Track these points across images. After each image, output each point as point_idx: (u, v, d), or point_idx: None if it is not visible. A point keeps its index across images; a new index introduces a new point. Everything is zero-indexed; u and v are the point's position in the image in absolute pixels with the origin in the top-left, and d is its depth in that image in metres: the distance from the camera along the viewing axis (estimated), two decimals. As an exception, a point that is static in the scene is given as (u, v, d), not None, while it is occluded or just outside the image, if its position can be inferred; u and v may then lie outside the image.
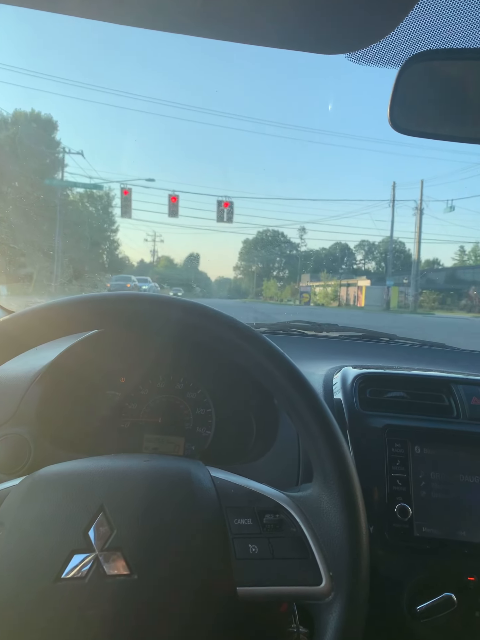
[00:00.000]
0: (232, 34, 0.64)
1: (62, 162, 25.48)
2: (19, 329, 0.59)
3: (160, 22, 0.61)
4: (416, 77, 0.68)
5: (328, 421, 0.59)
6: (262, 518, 0.56)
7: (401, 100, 0.68)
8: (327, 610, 0.53)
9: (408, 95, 0.68)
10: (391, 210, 33.11)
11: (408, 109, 0.70)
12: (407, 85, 0.67)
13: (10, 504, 0.54)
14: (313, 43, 0.66)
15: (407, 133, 0.71)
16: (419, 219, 31.00)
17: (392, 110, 0.68)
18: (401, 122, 0.70)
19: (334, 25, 0.64)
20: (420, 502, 0.80)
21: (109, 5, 0.59)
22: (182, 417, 1.07)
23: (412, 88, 0.68)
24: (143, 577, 0.49)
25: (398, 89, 0.67)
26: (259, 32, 0.64)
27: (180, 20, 0.61)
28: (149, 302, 0.62)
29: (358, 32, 0.65)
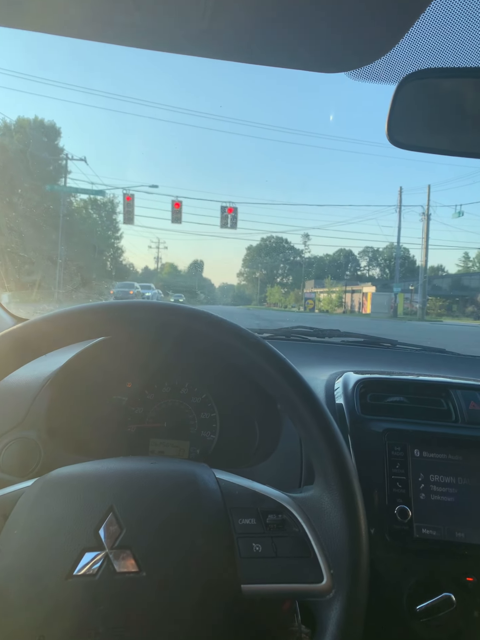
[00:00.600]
0: (234, 55, 0.67)
1: (66, 169, 25.64)
2: (32, 335, 0.62)
3: (163, 44, 0.64)
4: (413, 94, 0.70)
5: (329, 425, 0.61)
6: (266, 518, 0.58)
7: (398, 117, 0.71)
8: (327, 607, 0.55)
9: (405, 111, 0.71)
10: (398, 215, 33.07)
11: (405, 124, 0.73)
12: (404, 102, 0.70)
13: (24, 505, 0.57)
14: (313, 62, 0.69)
15: (405, 147, 0.74)
16: (427, 225, 30.85)
17: (390, 126, 0.71)
18: (399, 137, 0.73)
19: (334, 45, 0.67)
20: (420, 504, 0.82)
21: (111, 29, 0.62)
22: (187, 422, 1.09)
23: (409, 105, 0.71)
24: (151, 574, 0.51)
25: (395, 106, 0.70)
26: (261, 53, 0.67)
27: (182, 42, 0.64)
28: (156, 310, 0.64)
29: (357, 52, 0.68)
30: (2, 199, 10.07)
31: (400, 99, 0.69)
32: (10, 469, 0.86)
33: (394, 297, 35.52)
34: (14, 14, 0.58)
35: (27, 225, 4.85)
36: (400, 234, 34.15)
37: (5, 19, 0.59)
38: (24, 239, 3.90)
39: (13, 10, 0.56)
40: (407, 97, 0.70)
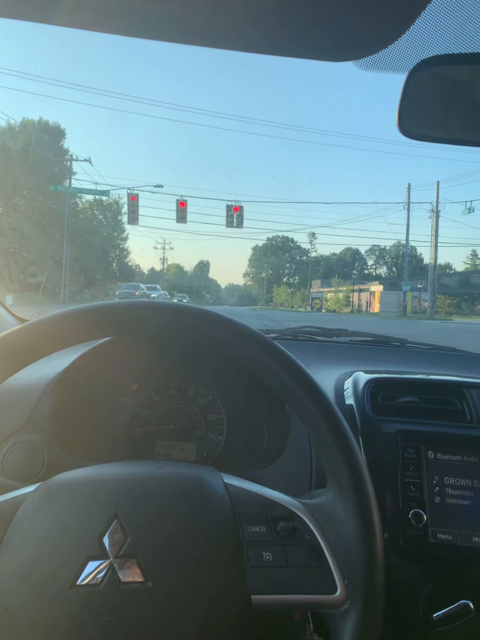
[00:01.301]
0: (239, 44, 0.65)
1: (70, 170, 25.78)
2: (35, 336, 0.60)
3: (166, 34, 0.61)
4: (424, 82, 0.68)
5: (341, 428, 0.59)
6: (276, 525, 0.56)
7: (409, 106, 0.69)
8: (342, 620, 0.53)
9: (416, 100, 0.69)
10: (406, 213, 32.91)
11: (417, 114, 0.70)
12: (415, 90, 0.68)
13: (26, 511, 0.55)
14: (321, 51, 0.66)
15: (416, 138, 0.71)
16: (436, 222, 30.66)
17: (401, 116, 0.69)
18: (410, 127, 0.70)
19: (342, 33, 0.64)
20: (435, 508, 0.79)
21: (113, 18, 0.60)
22: (193, 423, 1.08)
23: (421, 93, 0.68)
24: (157, 584, 0.49)
25: (406, 95, 0.67)
26: (267, 41, 0.64)
27: (186, 31, 0.62)
28: (161, 311, 0.62)
29: (365, 40, 0.65)
30: (6, 201, 10.14)
31: (412, 88, 0.67)
32: (13, 473, 0.84)
33: (402, 296, 35.33)
34: (11, 2, 0.56)
35: (32, 227, 4.86)
36: (408, 232, 33.98)
37: (2, 8, 0.57)
38: (28, 240, 3.90)
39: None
40: (419, 86, 0.67)
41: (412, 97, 0.68)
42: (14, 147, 22.14)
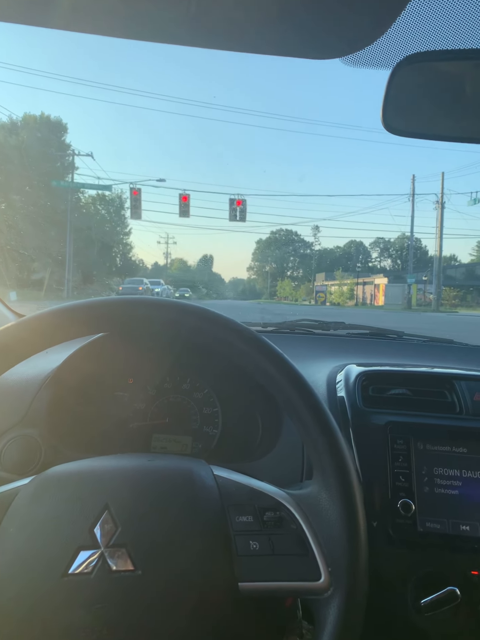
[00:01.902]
0: (223, 43, 0.66)
1: (73, 165, 25.68)
2: (30, 332, 0.61)
3: (150, 34, 0.62)
4: (409, 79, 0.68)
5: (325, 419, 0.60)
6: (263, 515, 0.57)
7: (394, 102, 0.69)
8: (325, 605, 0.54)
9: (401, 97, 0.69)
10: (411, 204, 32.66)
11: (401, 111, 0.71)
12: (399, 87, 0.68)
13: (20, 503, 0.56)
14: (304, 49, 0.67)
15: (401, 134, 0.72)
16: (441, 213, 30.36)
17: (385, 112, 0.69)
18: (394, 124, 0.71)
19: (325, 31, 0.65)
20: (424, 498, 0.80)
21: (98, 19, 0.61)
22: (189, 417, 1.09)
23: (405, 90, 0.69)
24: (147, 572, 0.51)
25: (390, 91, 0.68)
26: (251, 40, 0.65)
27: (170, 30, 0.62)
28: (149, 306, 0.63)
29: (349, 37, 0.66)
30: (8, 197, 10.14)
31: (396, 84, 0.67)
32: (11, 467, 0.86)
33: (407, 288, 35.11)
34: None
35: (34, 223, 4.85)
36: (413, 223, 33.77)
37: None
38: (30, 237, 3.90)
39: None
40: (403, 82, 0.68)
41: (396, 93, 0.68)
42: (16, 142, 22.08)
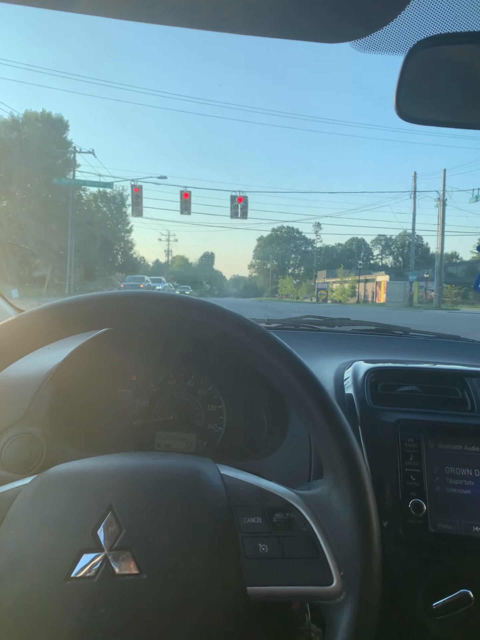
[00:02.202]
0: (232, 26, 0.63)
1: (74, 162, 25.68)
2: (31, 327, 0.59)
3: (155, 15, 0.60)
4: (423, 64, 0.66)
5: (337, 418, 0.58)
6: (272, 517, 0.56)
7: (408, 88, 0.66)
8: (338, 611, 0.52)
9: (415, 82, 0.67)
10: (413, 201, 32.60)
11: (415, 97, 0.68)
12: (413, 72, 0.65)
13: (21, 504, 0.55)
14: (316, 32, 0.64)
15: (415, 122, 0.69)
16: (442, 210, 30.29)
17: (399, 99, 0.67)
18: (408, 111, 0.68)
19: (337, 13, 0.62)
20: (435, 498, 0.78)
21: (114, 2, 0.59)
22: (193, 414, 1.07)
23: (419, 75, 0.66)
24: (152, 576, 0.49)
25: (404, 76, 0.65)
26: (260, 23, 0.63)
27: (177, 12, 0.60)
28: (155, 300, 0.61)
29: (362, 20, 0.63)
30: (10, 194, 10.14)
31: (410, 69, 0.65)
32: (12, 466, 0.85)
33: (409, 286, 35.10)
34: None
35: (35, 217, 4.83)
36: (415, 221, 33.70)
37: None
38: (31, 233, 3.89)
39: None
40: (417, 67, 0.65)
41: (410, 79, 0.66)
42: (17, 139, 22.08)
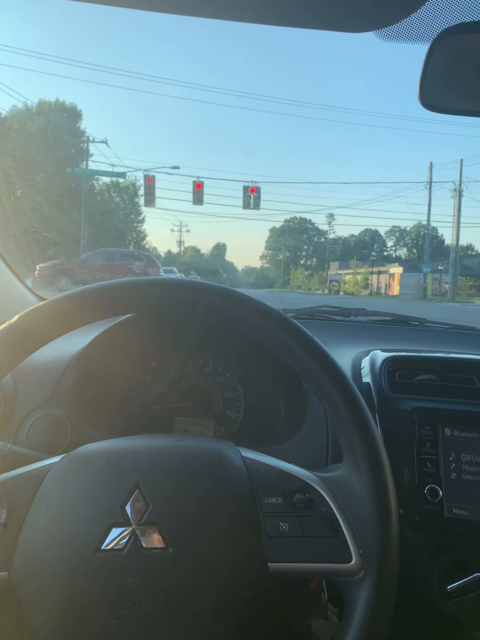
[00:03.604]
0: (254, 16, 0.63)
1: (87, 152, 25.64)
2: (59, 312, 0.61)
3: (177, 5, 0.60)
4: (448, 52, 0.66)
5: (357, 403, 0.59)
6: (293, 497, 0.57)
7: (432, 77, 0.66)
8: (357, 588, 0.54)
9: (440, 71, 0.66)
10: (428, 192, 32.08)
11: (440, 86, 0.68)
12: (438, 60, 0.65)
13: (52, 480, 0.57)
14: (341, 21, 0.65)
15: (440, 111, 0.69)
16: (458, 201, 29.77)
17: (423, 88, 0.67)
18: (433, 100, 0.68)
19: (363, 2, 0.62)
20: (451, 484, 0.80)
21: None
22: (211, 400, 1.09)
23: (444, 63, 0.66)
24: (178, 551, 0.51)
25: (429, 65, 0.65)
26: (286, 13, 0.63)
27: (200, 2, 0.60)
28: (181, 287, 0.63)
29: (387, 8, 0.63)
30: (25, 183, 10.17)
31: (435, 58, 0.65)
32: (38, 445, 0.88)
33: (423, 278, 34.64)
34: None
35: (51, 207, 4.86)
36: (430, 212, 33.17)
37: None
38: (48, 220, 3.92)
39: None
40: (442, 56, 0.65)
41: (435, 68, 0.66)
42: (31, 128, 22.14)
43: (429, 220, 34.67)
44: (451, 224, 30.66)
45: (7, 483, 0.57)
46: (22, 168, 11.24)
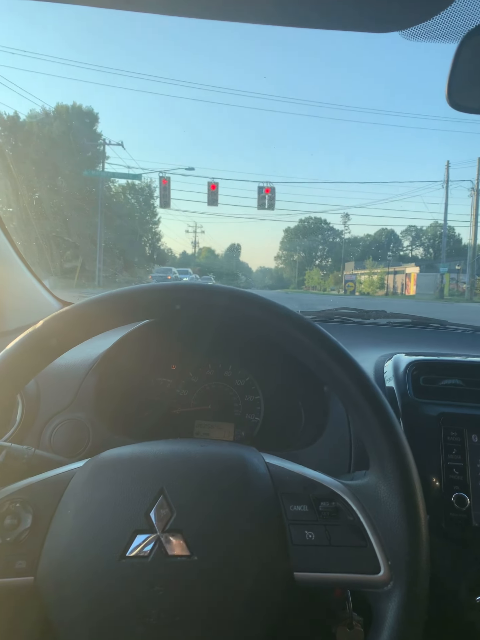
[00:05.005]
0: (277, 18, 0.63)
1: (104, 154, 25.94)
2: (83, 318, 0.61)
3: (193, 8, 0.59)
4: (477, 51, 0.64)
5: (384, 409, 0.58)
6: (318, 505, 0.56)
7: (461, 76, 0.65)
8: (386, 599, 0.53)
9: (468, 70, 0.65)
10: (445, 191, 31.71)
11: (468, 86, 0.67)
12: (467, 60, 0.64)
13: (76, 485, 0.57)
14: (368, 22, 0.64)
15: (469, 111, 0.68)
16: (476, 200, 29.34)
17: (451, 87, 0.65)
18: (461, 100, 0.67)
19: (390, 2, 0.61)
20: (479, 492, 0.78)
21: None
22: (231, 404, 1.09)
23: (473, 63, 0.65)
24: (203, 559, 0.51)
25: (457, 65, 0.64)
26: (310, 14, 0.62)
27: (215, 3, 0.59)
28: (199, 292, 0.62)
29: (415, 7, 0.62)
30: (43, 186, 10.34)
31: (464, 57, 0.63)
32: (60, 449, 0.88)
33: (440, 278, 34.22)
34: None
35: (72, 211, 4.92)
36: (447, 211, 32.77)
37: None
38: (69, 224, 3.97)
39: None
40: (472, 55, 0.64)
41: (464, 67, 0.64)
42: (50, 132, 22.48)
43: (445, 219, 34.27)
44: (469, 223, 30.23)
45: (33, 487, 0.57)
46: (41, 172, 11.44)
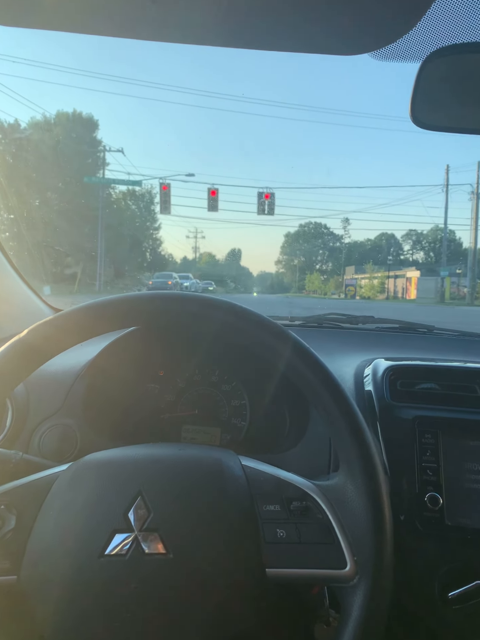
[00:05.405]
0: (250, 43, 0.66)
1: (104, 161, 26.02)
2: (70, 324, 0.63)
3: (178, 36, 0.63)
4: (438, 72, 0.68)
5: (351, 411, 0.60)
6: (290, 505, 0.59)
7: (423, 96, 0.68)
8: (351, 593, 0.56)
9: (430, 90, 0.68)
10: (445, 195, 31.77)
11: (430, 104, 0.70)
12: (429, 80, 0.67)
13: (59, 488, 0.60)
14: (332, 45, 0.67)
15: (430, 128, 0.71)
16: (476, 204, 29.36)
17: (414, 106, 0.68)
18: (423, 118, 0.70)
19: (355, 27, 0.65)
20: (452, 492, 0.80)
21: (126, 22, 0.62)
22: (217, 409, 1.12)
23: (435, 83, 0.68)
24: (178, 556, 0.53)
25: (419, 84, 0.67)
26: (279, 39, 0.66)
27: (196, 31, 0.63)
28: (179, 301, 0.64)
29: (379, 32, 0.66)
30: (42, 194, 10.38)
31: (425, 78, 0.66)
32: (49, 454, 0.91)
33: (440, 282, 34.19)
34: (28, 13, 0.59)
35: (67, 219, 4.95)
36: (447, 215, 32.83)
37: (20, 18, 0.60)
38: (63, 233, 4.00)
39: (26, 9, 0.57)
40: (433, 75, 0.67)
41: (425, 87, 0.68)
42: (51, 139, 22.59)
43: (446, 223, 34.34)
44: (469, 227, 30.25)
45: (17, 490, 0.60)
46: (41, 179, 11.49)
